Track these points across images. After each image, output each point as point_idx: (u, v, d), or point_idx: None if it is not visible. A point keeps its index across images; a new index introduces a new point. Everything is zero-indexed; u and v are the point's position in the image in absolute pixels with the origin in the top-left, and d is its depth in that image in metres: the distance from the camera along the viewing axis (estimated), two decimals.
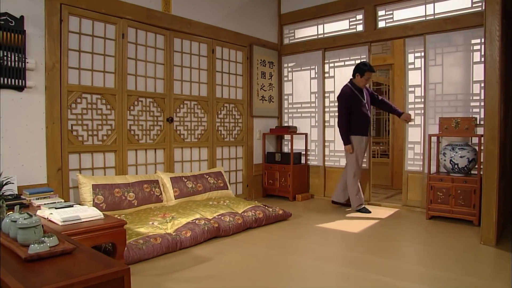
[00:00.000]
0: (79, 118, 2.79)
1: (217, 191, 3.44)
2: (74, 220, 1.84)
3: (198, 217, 2.65)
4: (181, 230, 2.44)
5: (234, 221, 2.73)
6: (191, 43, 3.57)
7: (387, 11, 3.80)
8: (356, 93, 3.55)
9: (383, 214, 3.46)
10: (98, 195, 2.67)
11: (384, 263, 2.17)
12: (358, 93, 3.56)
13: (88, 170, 2.85)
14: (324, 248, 2.50)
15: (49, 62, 2.59)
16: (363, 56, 3.97)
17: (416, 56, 3.62)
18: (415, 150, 3.66)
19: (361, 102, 3.57)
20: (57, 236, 1.31)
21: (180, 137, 3.48)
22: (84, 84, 2.81)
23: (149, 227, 2.41)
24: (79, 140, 2.79)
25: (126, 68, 3.04)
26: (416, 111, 3.63)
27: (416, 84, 3.63)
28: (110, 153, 2.98)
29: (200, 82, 3.66)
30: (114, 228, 1.86)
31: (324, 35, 4.25)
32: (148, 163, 3.25)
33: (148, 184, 2.98)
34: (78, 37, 2.77)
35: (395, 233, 2.87)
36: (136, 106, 3.14)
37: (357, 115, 3.56)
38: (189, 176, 3.33)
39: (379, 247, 2.52)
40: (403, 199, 3.72)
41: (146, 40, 3.21)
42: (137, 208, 2.84)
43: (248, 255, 2.31)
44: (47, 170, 2.60)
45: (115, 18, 2.96)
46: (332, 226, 3.07)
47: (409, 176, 3.67)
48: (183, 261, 2.18)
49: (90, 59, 2.84)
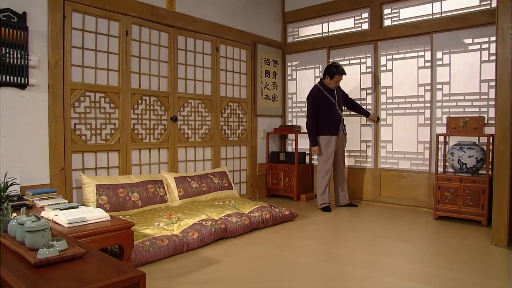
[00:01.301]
0: (82, 117, 2.73)
1: (222, 191, 3.39)
2: (80, 222, 1.78)
3: (205, 218, 2.60)
4: (187, 231, 2.39)
5: (241, 222, 2.69)
6: (195, 41, 3.51)
7: (393, 9, 3.75)
8: (325, 94, 3.57)
9: (387, 213, 3.43)
10: (102, 195, 2.61)
11: (394, 264, 2.13)
12: (328, 93, 3.58)
13: (92, 170, 2.80)
14: (333, 249, 2.45)
15: (52, 59, 2.53)
16: (368, 55, 3.93)
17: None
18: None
19: (330, 102, 3.58)
20: (65, 239, 1.26)
21: (184, 136, 3.43)
22: (87, 82, 2.75)
23: (155, 228, 2.36)
24: (82, 139, 2.73)
25: (130, 66, 2.98)
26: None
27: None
28: (114, 152, 2.92)
29: (204, 81, 3.61)
30: (121, 230, 1.81)
31: (328, 34, 4.20)
32: (152, 163, 3.19)
33: (152, 184, 2.93)
34: (81, 34, 2.71)
35: (403, 233, 2.84)
36: (140, 104, 3.08)
37: (326, 115, 3.58)
38: (194, 176, 3.28)
39: (388, 247, 2.48)
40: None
41: (150, 37, 3.15)
42: (142, 208, 2.79)
43: (257, 257, 2.27)
44: (49, 170, 2.54)
45: (119, 15, 2.90)
46: (338, 226, 3.04)
47: (382, 174, 3.85)
48: (191, 263, 2.13)
49: (94, 56, 2.79)
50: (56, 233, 1.42)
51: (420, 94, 3.63)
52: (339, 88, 3.70)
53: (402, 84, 3.74)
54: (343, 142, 3.74)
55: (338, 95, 3.66)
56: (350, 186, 4.06)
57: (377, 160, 3.90)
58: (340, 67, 3.53)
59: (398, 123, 3.78)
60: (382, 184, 3.87)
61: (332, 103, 3.58)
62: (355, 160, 4.07)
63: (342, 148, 3.73)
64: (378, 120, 3.79)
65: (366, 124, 3.98)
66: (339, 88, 3.69)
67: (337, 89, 3.66)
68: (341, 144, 3.70)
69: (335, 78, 3.49)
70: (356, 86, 4.03)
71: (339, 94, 3.68)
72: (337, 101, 3.62)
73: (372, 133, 3.93)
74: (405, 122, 3.73)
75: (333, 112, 3.58)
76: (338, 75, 3.49)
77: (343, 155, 3.77)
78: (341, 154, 3.74)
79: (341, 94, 3.71)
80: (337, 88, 3.66)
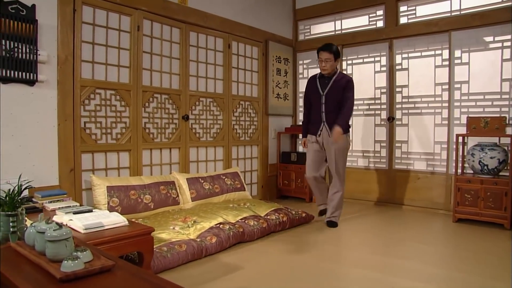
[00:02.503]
0: (92, 115, 2.61)
1: (234, 193, 3.28)
2: (97, 227, 1.67)
3: (221, 221, 2.49)
4: (205, 235, 2.28)
5: (259, 225, 2.58)
6: (207, 37, 3.40)
7: (410, 6, 3.66)
8: (316, 83, 2.98)
9: (404, 215, 3.33)
10: (113, 197, 2.50)
11: (423, 269, 2.03)
12: (320, 82, 2.96)
13: (102, 170, 2.68)
14: (355, 253, 2.36)
15: (61, 54, 2.41)
16: (383, 53, 3.83)
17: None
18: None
19: (316, 93, 2.96)
20: (90, 249, 1.15)
21: (195, 135, 3.32)
22: (97, 78, 2.63)
23: (171, 232, 2.25)
24: (92, 138, 2.61)
25: (141, 63, 2.86)
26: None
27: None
28: (125, 152, 2.80)
29: (216, 79, 3.50)
30: (141, 236, 1.70)
31: (341, 31, 4.10)
32: (163, 163, 3.08)
33: (164, 185, 2.81)
34: (92, 28, 2.59)
35: (423, 237, 2.74)
36: (151, 103, 2.96)
37: (312, 110, 3.02)
38: (206, 177, 3.17)
39: (413, 251, 2.38)
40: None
41: (162, 33, 3.03)
42: (154, 211, 2.68)
43: (280, 263, 2.16)
44: (59, 171, 2.42)
45: (130, 9, 2.78)
46: (356, 229, 2.94)
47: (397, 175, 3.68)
48: (211, 269, 2.02)
49: (104, 52, 2.67)
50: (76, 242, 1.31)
51: (437, 93, 3.54)
52: (340, 81, 2.90)
53: (418, 83, 3.65)
54: (331, 148, 2.90)
55: (333, 88, 2.89)
56: (363, 187, 3.97)
57: (391, 160, 3.81)
58: (325, 44, 2.91)
59: (413, 123, 3.69)
60: (397, 185, 3.78)
61: (318, 95, 2.94)
62: (369, 161, 3.97)
63: (330, 155, 2.93)
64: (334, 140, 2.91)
65: (380, 124, 3.89)
66: (340, 81, 2.89)
67: (337, 81, 2.89)
68: (328, 149, 2.93)
69: (319, 57, 2.90)
70: (370, 85, 3.94)
71: (334, 87, 2.89)
72: (326, 94, 2.89)
73: (387, 133, 3.84)
74: (421, 122, 3.64)
75: (317, 106, 2.95)
76: (320, 52, 2.88)
77: (335, 164, 2.92)
78: (332, 162, 2.93)
79: (339, 90, 2.87)
80: (337, 81, 2.90)
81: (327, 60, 2.85)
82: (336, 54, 2.88)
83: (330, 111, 2.90)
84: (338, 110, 2.88)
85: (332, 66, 2.87)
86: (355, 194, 4.04)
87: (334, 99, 2.90)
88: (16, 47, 2.18)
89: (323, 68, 2.88)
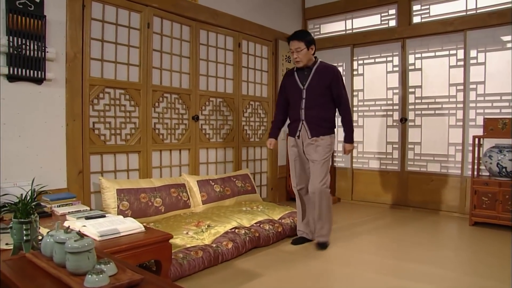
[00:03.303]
0: (101, 115, 2.52)
1: (245, 195, 3.19)
2: (113, 234, 1.58)
3: (236, 225, 2.40)
4: (220, 240, 2.19)
5: (274, 229, 2.49)
6: (217, 35, 3.31)
7: (423, 5, 3.58)
8: (295, 76, 2.50)
9: (418, 218, 3.25)
10: (123, 201, 2.40)
11: (439, 275, 1.95)
12: (299, 75, 2.48)
13: (111, 172, 2.58)
14: (372, 257, 2.27)
15: (70, 52, 2.31)
16: (395, 53, 3.75)
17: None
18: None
19: (295, 87, 2.48)
20: (114, 261, 1.06)
21: (205, 136, 3.22)
22: (107, 77, 2.54)
23: (185, 238, 2.16)
24: (101, 139, 2.51)
25: (151, 61, 2.77)
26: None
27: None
28: (134, 154, 2.71)
29: (226, 78, 3.41)
30: (159, 243, 1.60)
31: (353, 31, 4.02)
32: (173, 165, 2.98)
33: (175, 188, 2.72)
34: (101, 25, 2.50)
35: (440, 241, 2.67)
36: (161, 102, 2.87)
37: (290, 107, 2.55)
38: (216, 179, 3.08)
39: (429, 256, 2.30)
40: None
41: (172, 31, 2.94)
42: (164, 215, 2.58)
43: (300, 269, 2.07)
44: (67, 173, 2.33)
45: (140, 6, 2.69)
46: (371, 233, 2.85)
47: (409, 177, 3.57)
48: (229, 277, 1.93)
49: (114, 50, 2.57)
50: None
51: (451, 94, 3.46)
52: (323, 73, 2.43)
53: (432, 84, 3.57)
54: (311, 149, 2.43)
55: (314, 81, 2.42)
56: (374, 189, 3.89)
57: (404, 162, 3.73)
58: (293, 32, 2.50)
59: (427, 124, 3.61)
60: (409, 188, 3.70)
61: (297, 90, 2.46)
62: (380, 163, 3.89)
63: (311, 157, 2.43)
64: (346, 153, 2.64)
65: (392, 125, 3.81)
66: (324, 72, 2.43)
67: (319, 73, 2.43)
68: (308, 151, 2.45)
69: (290, 49, 2.46)
70: (382, 86, 3.86)
71: (316, 79, 2.42)
72: (307, 88, 2.43)
73: (399, 134, 3.76)
74: (435, 123, 3.56)
75: (297, 103, 2.47)
76: (289, 43, 2.46)
77: (316, 168, 2.39)
78: (313, 165, 2.42)
79: (322, 82, 2.41)
80: (319, 72, 2.43)
81: (297, 50, 2.39)
82: (307, 41, 2.40)
83: (310, 107, 2.43)
84: (320, 107, 2.41)
85: (306, 55, 2.40)
86: (366, 196, 3.96)
87: (317, 93, 2.42)
88: (24, 44, 2.09)
89: (296, 60, 2.43)
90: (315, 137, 2.43)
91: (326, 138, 2.44)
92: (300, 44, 2.39)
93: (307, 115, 2.44)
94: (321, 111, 2.44)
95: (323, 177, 2.40)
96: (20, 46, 2.07)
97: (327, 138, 2.45)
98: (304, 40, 2.40)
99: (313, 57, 2.47)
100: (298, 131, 2.49)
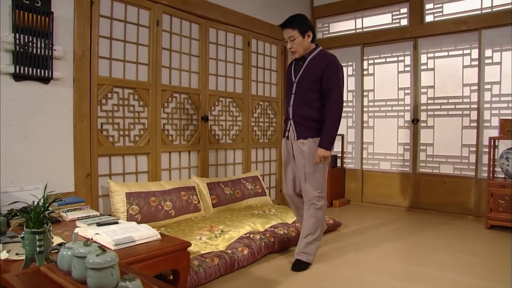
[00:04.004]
0: (110, 115, 2.43)
1: (256, 198, 3.11)
2: (128, 242, 1.49)
3: (250, 230, 2.32)
4: (235, 246, 2.10)
5: (289, 234, 2.41)
6: (226, 34, 3.22)
7: (436, 4, 3.50)
8: (292, 68, 2.20)
9: (431, 221, 3.17)
10: (132, 205, 2.31)
11: (459, 280, 1.88)
12: (295, 66, 2.17)
13: (119, 175, 2.49)
14: (394, 262, 2.20)
15: (78, 50, 2.22)
16: (407, 53, 3.68)
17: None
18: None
19: (288, 80, 2.20)
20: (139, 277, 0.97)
21: (215, 138, 3.14)
22: (115, 76, 2.45)
23: (198, 243, 2.07)
24: (109, 141, 2.42)
25: (160, 60, 2.68)
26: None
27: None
28: (143, 156, 2.62)
29: (236, 78, 3.32)
30: (177, 251, 1.52)
31: (363, 30, 3.94)
32: (182, 167, 2.90)
33: (185, 191, 2.63)
34: (109, 22, 2.41)
35: (457, 245, 2.58)
36: (170, 102, 2.78)
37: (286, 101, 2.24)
38: (226, 182, 2.99)
39: (449, 261, 2.23)
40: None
41: (181, 29, 2.85)
42: (175, 219, 2.50)
43: (320, 276, 1.98)
44: (74, 176, 2.24)
45: (149, 3, 2.60)
46: (386, 236, 2.77)
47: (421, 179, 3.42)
48: (247, 285, 1.85)
49: (122, 48, 2.48)
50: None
51: (465, 94, 3.39)
52: (315, 62, 2.05)
53: (445, 84, 3.50)
54: (299, 155, 2.08)
55: (305, 73, 2.07)
56: (384, 190, 3.82)
57: (416, 164, 3.66)
58: (285, 20, 2.11)
59: (439, 125, 3.54)
60: (421, 190, 3.63)
61: (290, 83, 2.15)
62: (391, 164, 3.82)
63: (299, 164, 2.09)
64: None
65: (403, 126, 3.73)
66: (317, 61, 2.05)
67: (312, 62, 2.06)
68: (297, 156, 2.10)
69: (283, 37, 2.13)
70: (393, 86, 3.78)
71: (307, 71, 2.06)
72: (298, 81, 2.09)
73: (410, 135, 3.68)
74: (448, 124, 3.49)
75: (288, 98, 2.16)
76: (283, 30, 2.11)
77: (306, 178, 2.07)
78: (302, 174, 2.08)
79: (313, 73, 2.04)
80: (313, 61, 2.06)
81: (291, 38, 2.05)
82: (302, 28, 2.03)
83: (299, 103, 2.07)
84: (309, 104, 2.04)
85: (301, 44, 2.05)
86: (376, 198, 3.88)
87: (306, 87, 2.06)
88: (31, 41, 2.00)
89: (291, 51, 2.10)
90: (302, 139, 2.06)
91: (314, 143, 2.04)
92: (293, 32, 2.03)
93: (295, 113, 2.09)
94: (310, 109, 2.04)
95: (313, 190, 2.05)
96: (26, 43, 1.98)
97: (316, 143, 2.04)
98: (298, 27, 2.03)
99: (311, 44, 2.10)
100: (287, 131, 2.17)
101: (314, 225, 2.10)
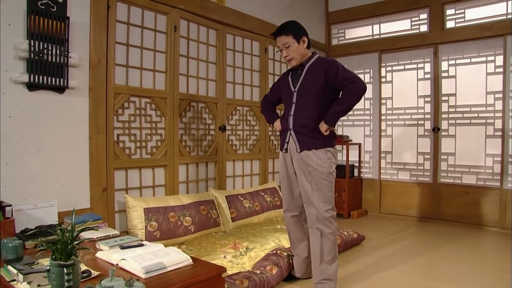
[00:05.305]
0: (126, 126, 2.30)
1: (275, 211, 2.97)
2: (159, 269, 1.35)
3: (275, 246, 2.18)
4: (263, 265, 1.96)
5: None
6: (243, 40, 3.11)
7: (458, 9, 3.41)
8: (288, 76, 2.01)
9: (455, 233, 3.04)
10: (151, 221, 2.17)
11: None
12: (292, 76, 1.98)
13: (136, 189, 2.35)
14: (433, 283, 2.06)
15: (94, 57, 2.10)
16: (427, 60, 3.57)
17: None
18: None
19: (287, 88, 1.98)
20: None
21: (232, 148, 3.01)
22: (132, 85, 2.32)
23: (224, 262, 1.93)
24: (126, 153, 2.29)
25: (178, 67, 2.56)
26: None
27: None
28: (160, 168, 2.49)
29: (253, 85, 3.20)
30: (212, 278, 1.38)
31: (380, 36, 3.85)
32: (200, 179, 2.76)
33: (204, 205, 2.50)
34: (126, 28, 2.29)
35: (484, 259, 2.46)
36: (188, 112, 2.66)
37: (282, 115, 2.02)
38: (245, 194, 2.86)
39: (484, 278, 2.10)
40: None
41: (198, 34, 2.74)
42: (194, 235, 2.36)
43: None
44: (90, 191, 2.10)
45: (167, 8, 2.49)
46: (413, 251, 2.64)
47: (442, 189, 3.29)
48: None
49: (139, 55, 2.36)
50: None
51: (489, 102, 3.28)
52: (315, 67, 1.88)
53: (467, 92, 3.39)
54: (303, 170, 1.86)
55: (306, 80, 1.89)
56: (403, 201, 3.69)
57: (436, 173, 3.53)
58: (277, 27, 1.95)
59: (461, 134, 3.43)
60: (442, 200, 3.50)
61: (289, 93, 1.95)
62: (411, 174, 3.69)
63: (303, 181, 1.87)
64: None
65: (423, 134, 3.62)
66: (317, 66, 1.88)
67: (312, 68, 1.89)
68: (299, 171, 1.89)
69: (277, 46, 1.97)
70: (412, 94, 3.67)
71: (308, 78, 1.88)
72: (298, 90, 1.91)
73: (431, 144, 3.57)
74: (470, 133, 3.38)
75: (287, 108, 1.97)
76: (276, 38, 1.94)
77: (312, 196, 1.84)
78: (307, 192, 1.86)
79: (315, 78, 1.86)
80: (312, 67, 1.89)
81: (286, 45, 1.88)
82: (296, 33, 1.88)
83: (301, 112, 1.88)
84: (313, 112, 1.85)
85: (297, 50, 1.88)
86: (395, 209, 3.75)
87: (309, 95, 1.87)
88: (46, 48, 1.87)
89: (287, 59, 1.92)
90: (306, 150, 1.84)
91: (320, 154, 1.83)
92: (287, 39, 1.87)
93: (296, 124, 1.89)
94: (313, 118, 1.84)
95: (323, 207, 1.81)
96: (41, 51, 1.85)
97: (323, 154, 1.83)
98: (291, 32, 1.87)
99: (308, 51, 1.94)
100: (286, 143, 1.94)
101: (330, 250, 1.83)
